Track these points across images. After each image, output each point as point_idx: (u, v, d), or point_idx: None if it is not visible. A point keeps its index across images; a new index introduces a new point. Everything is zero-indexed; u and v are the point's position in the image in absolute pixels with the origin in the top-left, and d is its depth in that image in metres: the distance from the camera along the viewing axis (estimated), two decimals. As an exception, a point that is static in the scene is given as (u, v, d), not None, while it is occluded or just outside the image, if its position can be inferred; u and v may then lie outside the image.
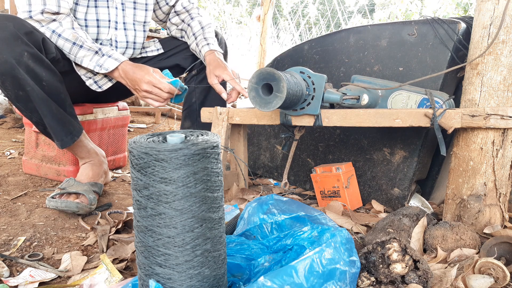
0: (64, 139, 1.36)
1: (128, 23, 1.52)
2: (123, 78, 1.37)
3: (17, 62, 1.20)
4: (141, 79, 1.33)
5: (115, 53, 1.37)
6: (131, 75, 1.35)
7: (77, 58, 1.36)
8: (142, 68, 1.35)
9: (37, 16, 1.29)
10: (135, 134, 2.76)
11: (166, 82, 1.35)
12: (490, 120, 1.06)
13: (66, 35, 1.32)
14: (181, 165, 0.63)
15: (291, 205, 1.02)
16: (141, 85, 1.34)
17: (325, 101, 1.26)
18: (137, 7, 1.53)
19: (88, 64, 1.35)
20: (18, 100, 1.28)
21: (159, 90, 1.34)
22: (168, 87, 1.34)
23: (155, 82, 1.33)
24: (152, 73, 1.34)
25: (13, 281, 0.93)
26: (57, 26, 1.32)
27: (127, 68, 1.36)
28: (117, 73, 1.37)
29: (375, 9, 8.62)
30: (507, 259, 0.97)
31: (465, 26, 1.33)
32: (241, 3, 9.89)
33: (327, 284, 0.74)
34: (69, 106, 1.38)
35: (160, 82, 1.33)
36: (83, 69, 1.42)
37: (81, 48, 1.34)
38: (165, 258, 0.66)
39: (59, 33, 1.32)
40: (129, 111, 1.94)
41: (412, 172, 1.39)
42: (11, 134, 2.41)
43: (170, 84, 1.35)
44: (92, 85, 1.44)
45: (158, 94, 1.35)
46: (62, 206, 1.28)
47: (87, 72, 1.42)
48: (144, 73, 1.34)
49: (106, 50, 1.36)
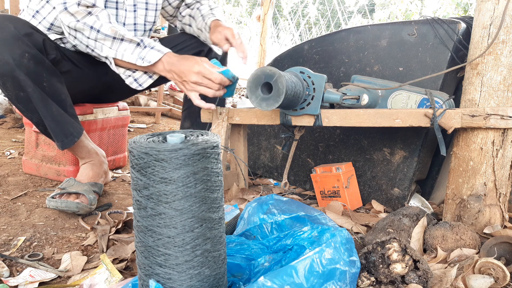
0: (64, 140, 1.35)
1: (139, 23, 1.50)
2: (168, 70, 1.28)
3: (18, 63, 1.20)
4: (190, 69, 1.24)
5: (157, 44, 1.30)
6: (178, 67, 1.26)
7: (118, 53, 1.29)
8: (189, 59, 1.27)
9: (72, 7, 1.24)
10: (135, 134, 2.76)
11: (217, 72, 1.25)
12: (490, 120, 1.06)
13: (105, 30, 1.26)
14: (181, 165, 0.63)
15: (291, 205, 1.02)
16: (190, 76, 1.25)
17: (325, 101, 1.26)
18: (148, 7, 1.51)
19: (130, 58, 1.28)
20: (19, 101, 1.28)
21: (209, 81, 1.25)
22: (220, 77, 1.25)
23: (205, 72, 1.24)
24: (201, 63, 1.26)
25: (13, 281, 0.93)
26: (94, 21, 1.26)
27: (172, 59, 1.28)
28: (161, 65, 1.29)
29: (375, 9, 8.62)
30: (507, 259, 0.97)
31: (465, 26, 1.33)
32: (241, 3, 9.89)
33: (327, 284, 0.74)
34: (70, 106, 1.38)
35: (211, 72, 1.24)
36: (121, 68, 1.35)
37: (122, 42, 1.27)
38: (165, 258, 0.66)
39: (98, 28, 1.26)
40: (129, 111, 1.95)
41: (412, 172, 1.39)
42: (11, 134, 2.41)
43: (221, 74, 1.25)
44: (132, 84, 1.36)
45: (209, 86, 1.26)
46: (62, 206, 1.28)
47: (125, 71, 1.35)
48: (193, 63, 1.25)
49: (148, 42, 1.29)
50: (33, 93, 1.25)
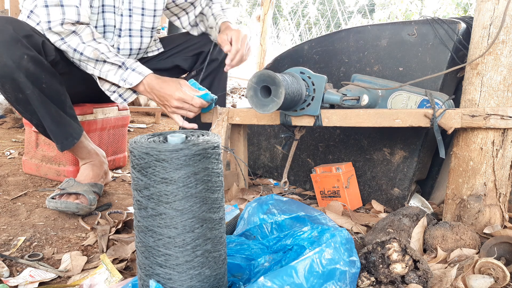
0: (64, 142, 1.35)
1: (135, 29, 1.48)
2: (149, 92, 1.33)
3: (17, 65, 1.19)
4: (171, 95, 1.29)
5: (139, 66, 1.33)
6: (158, 91, 1.31)
7: (102, 73, 1.33)
8: (169, 83, 1.30)
9: (57, 28, 1.26)
10: (135, 134, 2.76)
11: (197, 97, 1.30)
12: (490, 120, 1.06)
13: (87, 53, 1.29)
14: (182, 165, 0.63)
15: (291, 205, 1.02)
16: (171, 102, 1.29)
17: (325, 102, 1.26)
18: (145, 13, 1.49)
19: (113, 78, 1.33)
20: (18, 102, 1.28)
21: (190, 106, 1.30)
22: (200, 102, 1.30)
23: (186, 98, 1.29)
24: (181, 89, 1.29)
25: (13, 281, 0.93)
26: (77, 43, 1.29)
27: (152, 83, 1.31)
28: (142, 87, 1.33)
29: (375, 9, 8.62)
30: (507, 259, 0.97)
31: (465, 26, 1.33)
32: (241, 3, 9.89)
33: (327, 284, 0.74)
34: (69, 107, 1.38)
35: (191, 98, 1.29)
36: (106, 83, 1.38)
37: (104, 63, 1.31)
38: (166, 258, 0.66)
39: (81, 51, 1.29)
40: (129, 111, 1.95)
41: (412, 172, 1.39)
42: (11, 134, 2.41)
43: (201, 98, 1.31)
44: (117, 99, 1.40)
45: (189, 109, 1.31)
46: (62, 206, 1.28)
47: (110, 86, 1.39)
48: (174, 89, 1.28)
49: (129, 63, 1.33)
50: (32, 95, 1.25)
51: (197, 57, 1.65)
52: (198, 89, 1.34)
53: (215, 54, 1.64)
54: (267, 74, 1.13)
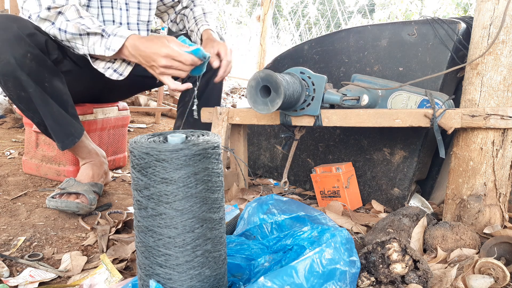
0: (65, 141, 1.35)
1: (132, 23, 1.49)
2: (134, 55, 1.21)
3: (20, 63, 1.19)
4: (157, 52, 1.16)
5: (120, 30, 1.22)
6: (143, 50, 1.18)
7: (90, 48, 1.25)
8: (154, 40, 1.19)
9: (43, 13, 1.22)
10: (135, 134, 2.76)
11: (187, 53, 1.17)
12: (490, 120, 1.06)
13: (70, 29, 1.22)
14: (182, 165, 0.63)
15: (291, 205, 1.02)
16: (158, 60, 1.17)
17: (325, 102, 1.26)
18: (141, 6, 1.49)
19: (99, 50, 1.23)
20: (20, 101, 1.28)
21: (180, 63, 1.17)
22: (191, 58, 1.17)
23: (174, 54, 1.16)
24: (168, 44, 1.17)
25: (13, 281, 0.93)
26: (61, 22, 1.23)
27: (136, 43, 1.20)
28: (126, 51, 1.22)
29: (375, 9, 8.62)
30: (507, 259, 0.97)
31: (465, 26, 1.33)
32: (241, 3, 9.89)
33: (327, 284, 0.74)
34: (71, 107, 1.38)
35: (180, 54, 1.16)
36: (100, 62, 1.32)
37: (89, 36, 1.23)
38: (166, 259, 0.66)
39: (64, 29, 1.23)
40: (129, 111, 1.95)
41: (412, 172, 1.39)
42: (11, 134, 2.41)
43: (192, 54, 1.17)
44: (112, 75, 1.31)
45: (180, 68, 1.18)
46: (62, 206, 1.28)
47: (105, 64, 1.31)
48: (159, 45, 1.16)
49: (110, 30, 1.22)
50: (35, 93, 1.25)
51: None
52: (188, 46, 1.21)
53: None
54: (267, 74, 1.13)
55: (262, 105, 1.16)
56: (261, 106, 1.16)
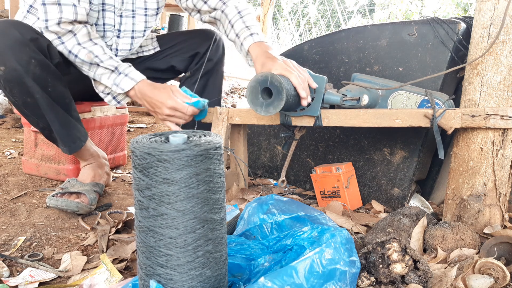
0: (72, 145, 1.36)
1: (138, 30, 1.48)
2: (140, 98, 1.31)
3: (25, 69, 1.19)
4: (163, 103, 1.26)
5: (132, 71, 1.31)
6: (150, 97, 1.28)
7: (96, 76, 1.32)
8: (161, 90, 1.27)
9: (53, 27, 1.24)
10: (135, 134, 2.76)
11: (189, 105, 1.28)
12: (490, 120, 1.06)
13: (81, 56, 1.28)
14: (184, 166, 0.63)
15: (291, 205, 1.02)
16: (162, 110, 1.27)
17: (325, 102, 1.26)
18: (148, 13, 1.48)
19: (107, 82, 1.31)
20: (26, 106, 1.27)
21: (182, 114, 1.28)
22: (191, 110, 1.28)
23: (178, 107, 1.25)
24: (173, 97, 1.26)
25: (13, 281, 0.93)
26: (73, 45, 1.27)
27: (144, 89, 1.29)
28: (133, 92, 1.31)
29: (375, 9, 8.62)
30: (507, 259, 0.97)
31: (465, 26, 1.33)
32: (241, 3, 9.88)
33: (327, 284, 0.74)
34: (74, 110, 1.38)
35: (183, 106, 1.26)
36: (101, 85, 1.37)
37: (98, 67, 1.30)
38: (167, 259, 0.66)
39: (76, 54, 1.28)
40: (128, 110, 1.94)
41: (412, 172, 1.39)
42: (11, 134, 2.41)
43: (193, 105, 1.28)
44: (111, 102, 1.38)
45: (181, 117, 1.29)
46: (62, 205, 1.28)
47: (105, 88, 1.36)
48: (166, 97, 1.26)
49: (123, 68, 1.30)
50: (41, 99, 1.25)
51: (192, 58, 1.64)
52: (190, 96, 1.32)
53: (211, 55, 1.63)
54: (269, 76, 1.13)
55: (263, 107, 1.16)
56: (262, 108, 1.16)
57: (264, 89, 1.16)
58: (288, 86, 1.14)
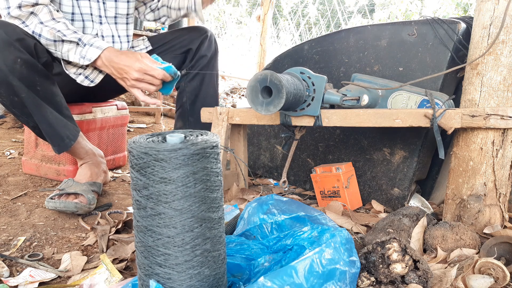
0: (61, 144, 1.35)
1: (109, 16, 1.46)
2: (107, 66, 1.27)
3: (11, 69, 1.18)
4: (131, 66, 1.22)
5: (97, 40, 1.27)
6: (117, 63, 1.24)
7: (63, 54, 1.28)
8: (128, 55, 1.25)
9: (15, 11, 1.22)
10: (135, 134, 2.76)
11: (159, 69, 1.24)
12: (490, 120, 1.06)
13: (45, 34, 1.25)
14: (181, 165, 0.63)
15: (291, 205, 1.02)
16: (130, 73, 1.23)
17: (325, 102, 1.26)
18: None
19: (73, 57, 1.27)
20: (14, 106, 1.27)
21: (151, 78, 1.23)
22: (162, 73, 1.23)
23: (146, 69, 1.22)
24: (141, 59, 1.23)
25: (13, 281, 0.93)
26: (35, 25, 1.24)
27: (111, 55, 1.25)
28: (100, 61, 1.27)
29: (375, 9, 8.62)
30: (507, 259, 0.97)
31: (465, 26, 1.33)
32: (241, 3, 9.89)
33: (327, 284, 0.74)
34: (65, 108, 1.37)
35: (152, 68, 1.22)
36: (72, 67, 1.35)
37: (63, 43, 1.26)
38: (165, 258, 0.66)
39: (39, 33, 1.25)
40: (129, 111, 1.95)
41: (412, 172, 1.39)
42: (11, 134, 2.41)
43: (164, 70, 1.23)
44: (83, 81, 1.35)
45: (150, 82, 1.24)
46: (61, 206, 1.28)
47: (77, 69, 1.34)
48: (133, 60, 1.22)
49: (87, 39, 1.26)
50: (27, 98, 1.24)
51: (185, 55, 1.63)
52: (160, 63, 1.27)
53: (203, 51, 1.62)
54: (268, 75, 1.13)
55: (263, 106, 1.16)
56: (262, 107, 1.16)
57: (264, 88, 1.16)
58: (288, 84, 1.14)
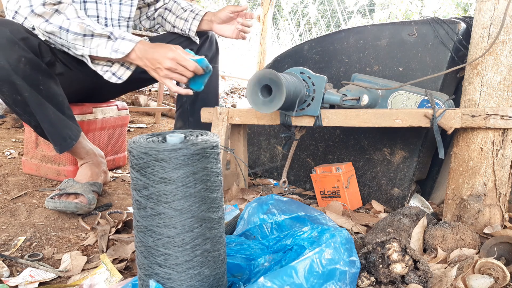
0: (63, 144, 1.35)
1: (114, 19, 1.47)
2: (141, 58, 1.27)
3: (14, 68, 1.19)
4: (164, 55, 1.23)
5: (128, 34, 1.28)
6: (151, 54, 1.25)
7: (92, 50, 1.27)
8: (162, 46, 1.26)
9: (39, 8, 1.21)
10: (135, 134, 2.76)
11: (191, 60, 1.24)
12: (490, 120, 1.06)
13: (73, 28, 1.23)
14: (181, 165, 0.63)
15: (291, 205, 1.02)
16: (163, 62, 1.23)
17: (325, 102, 1.26)
18: (122, 2, 1.48)
19: (104, 52, 1.26)
20: (16, 105, 1.27)
21: (183, 68, 1.24)
22: (194, 65, 1.24)
23: (179, 58, 1.23)
24: (175, 49, 1.24)
25: (13, 281, 0.93)
26: (62, 20, 1.23)
27: (145, 47, 1.27)
28: (134, 54, 1.27)
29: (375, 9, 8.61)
30: (507, 259, 0.97)
31: (465, 26, 1.33)
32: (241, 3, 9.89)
33: (327, 284, 0.74)
34: (67, 108, 1.37)
35: (185, 58, 1.23)
36: (98, 63, 1.34)
37: (93, 38, 1.25)
38: (165, 258, 0.66)
39: (67, 27, 1.23)
40: (129, 111, 1.94)
41: (412, 172, 1.39)
42: (11, 134, 2.41)
43: (196, 62, 1.24)
44: (111, 78, 1.34)
45: (182, 73, 1.24)
46: (61, 206, 1.28)
47: (103, 67, 1.34)
48: (167, 49, 1.24)
49: (118, 33, 1.27)
50: (30, 97, 1.24)
51: None
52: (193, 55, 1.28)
53: (204, 51, 1.63)
54: (268, 73, 1.13)
55: (263, 104, 1.16)
56: (262, 106, 1.16)
57: (264, 87, 1.16)
58: (288, 83, 1.14)
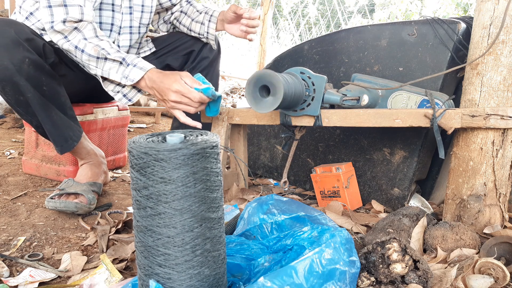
0: (64, 144, 1.35)
1: (134, 26, 1.49)
2: (150, 88, 1.27)
3: (18, 68, 1.19)
4: (169, 87, 1.22)
5: (140, 61, 1.28)
6: (158, 84, 1.24)
7: (104, 72, 1.28)
8: (169, 76, 1.24)
9: (59, 25, 1.23)
10: (135, 134, 2.76)
11: (196, 91, 1.22)
12: (490, 120, 1.06)
13: (88, 50, 1.25)
14: (181, 165, 0.63)
15: (291, 205, 1.02)
16: (168, 95, 1.22)
17: (325, 102, 1.26)
18: (144, 10, 1.49)
19: (115, 76, 1.27)
20: (19, 105, 1.27)
21: (189, 100, 1.23)
22: (199, 96, 1.22)
23: (184, 91, 1.21)
24: (180, 80, 1.22)
25: (13, 281, 0.93)
26: (79, 40, 1.25)
27: (154, 77, 1.25)
28: (143, 83, 1.27)
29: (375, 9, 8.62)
30: (507, 259, 0.97)
31: (465, 26, 1.33)
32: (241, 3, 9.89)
33: (327, 284, 0.74)
34: (69, 109, 1.38)
35: (189, 91, 1.21)
36: (110, 84, 1.34)
37: (106, 61, 1.26)
38: (165, 258, 0.66)
39: (82, 48, 1.25)
40: (129, 111, 1.95)
41: (412, 172, 1.39)
42: (11, 134, 2.41)
43: (201, 92, 1.22)
44: (121, 100, 1.35)
45: (188, 104, 1.23)
46: (61, 206, 1.28)
47: (114, 87, 1.34)
48: (172, 81, 1.22)
49: (130, 59, 1.27)
50: (33, 98, 1.24)
51: (187, 56, 1.64)
52: (201, 83, 1.26)
53: (206, 52, 1.63)
54: (266, 73, 1.13)
55: (261, 104, 1.16)
56: (260, 105, 1.16)
57: (263, 87, 1.16)
58: (287, 83, 1.14)
